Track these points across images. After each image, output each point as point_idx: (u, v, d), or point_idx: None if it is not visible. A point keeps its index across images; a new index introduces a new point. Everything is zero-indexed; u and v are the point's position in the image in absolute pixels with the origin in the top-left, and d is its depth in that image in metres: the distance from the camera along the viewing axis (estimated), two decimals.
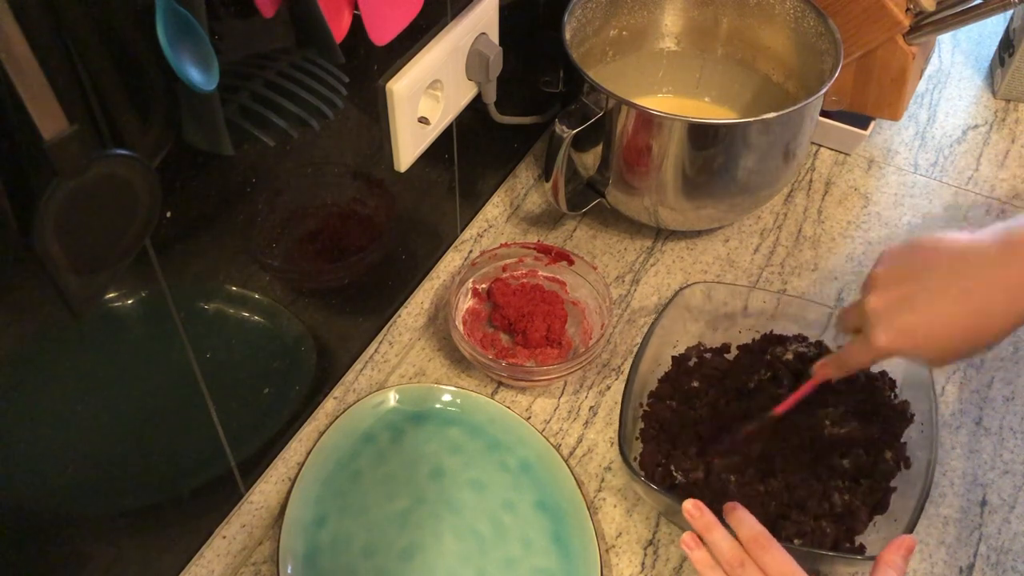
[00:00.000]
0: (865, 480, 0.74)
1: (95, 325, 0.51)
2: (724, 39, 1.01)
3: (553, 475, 0.76)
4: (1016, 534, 0.75)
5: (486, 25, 0.77)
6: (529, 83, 0.93)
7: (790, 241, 0.98)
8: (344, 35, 0.55)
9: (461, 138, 0.83)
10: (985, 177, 1.06)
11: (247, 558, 0.73)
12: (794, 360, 0.81)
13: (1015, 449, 0.81)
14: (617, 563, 0.73)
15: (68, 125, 0.38)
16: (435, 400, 0.81)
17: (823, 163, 1.07)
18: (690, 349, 0.84)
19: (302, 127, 0.54)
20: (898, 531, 0.69)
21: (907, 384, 0.79)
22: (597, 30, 0.96)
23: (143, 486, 0.61)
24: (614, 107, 0.84)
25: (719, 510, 0.72)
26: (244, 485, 0.71)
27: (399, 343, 0.85)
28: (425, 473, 0.76)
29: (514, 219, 0.99)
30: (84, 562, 0.57)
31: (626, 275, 0.95)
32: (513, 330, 0.86)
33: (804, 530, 0.70)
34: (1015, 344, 0.89)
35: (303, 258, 0.69)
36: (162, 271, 0.53)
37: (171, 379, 0.59)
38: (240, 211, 0.59)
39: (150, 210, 0.45)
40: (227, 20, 0.50)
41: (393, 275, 0.83)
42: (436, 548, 0.72)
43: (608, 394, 0.84)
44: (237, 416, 0.66)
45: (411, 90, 0.69)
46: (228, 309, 0.63)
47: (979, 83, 1.19)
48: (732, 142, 0.84)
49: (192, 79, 0.43)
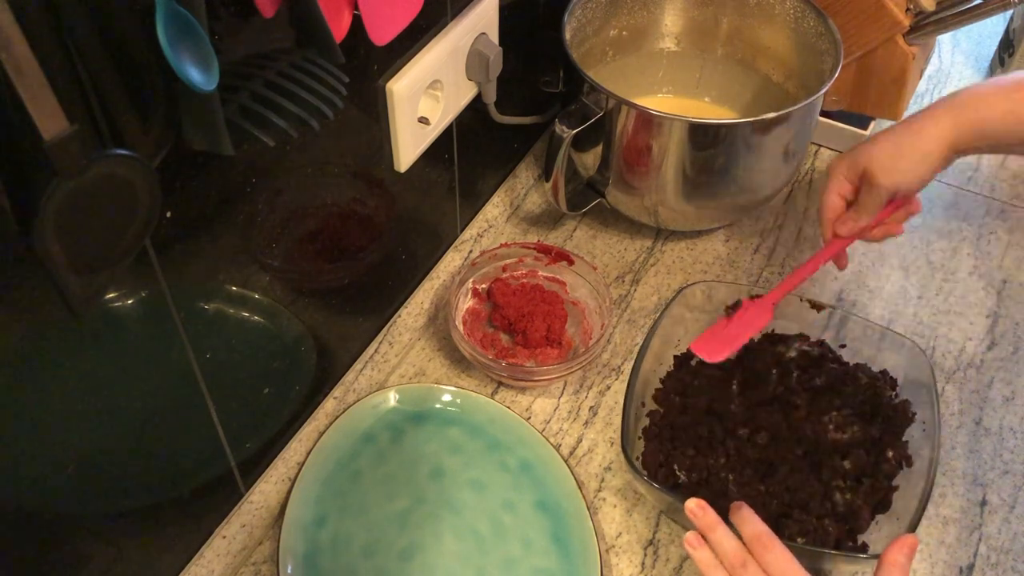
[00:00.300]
0: (867, 479, 0.74)
1: (95, 325, 0.51)
2: (724, 39, 1.01)
3: (553, 475, 0.76)
4: (1016, 534, 0.75)
5: (486, 25, 0.77)
6: (529, 83, 0.93)
7: (790, 241, 0.98)
8: (344, 35, 0.55)
9: (461, 138, 0.83)
10: (985, 177, 1.06)
11: (247, 558, 0.73)
12: (798, 358, 0.82)
13: (1015, 449, 0.81)
14: (617, 563, 0.73)
15: (68, 125, 0.38)
16: (435, 400, 0.81)
17: (823, 163, 1.07)
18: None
19: (302, 127, 0.54)
20: (900, 530, 0.69)
21: (908, 384, 0.80)
22: (597, 30, 0.96)
23: (143, 486, 0.61)
24: (614, 107, 0.84)
25: (720, 509, 0.72)
26: (244, 485, 0.71)
27: (399, 343, 0.85)
28: (425, 473, 0.76)
29: (514, 219, 0.99)
30: (84, 562, 0.57)
31: (626, 275, 0.95)
32: (513, 330, 0.86)
33: (807, 529, 0.70)
34: (1015, 344, 0.89)
35: (303, 258, 0.69)
36: (162, 271, 0.53)
37: (171, 379, 0.59)
38: (240, 211, 0.59)
39: (150, 210, 0.45)
40: (227, 20, 0.50)
41: (393, 275, 0.83)
42: (436, 548, 0.72)
43: (608, 394, 0.84)
44: (237, 416, 0.66)
45: (411, 90, 0.69)
46: (228, 309, 0.63)
47: None
48: (732, 142, 0.84)
49: (192, 79, 0.43)
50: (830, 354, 0.83)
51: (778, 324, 0.85)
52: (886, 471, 0.74)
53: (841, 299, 0.93)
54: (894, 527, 0.71)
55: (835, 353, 0.83)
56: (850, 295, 0.93)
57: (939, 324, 0.91)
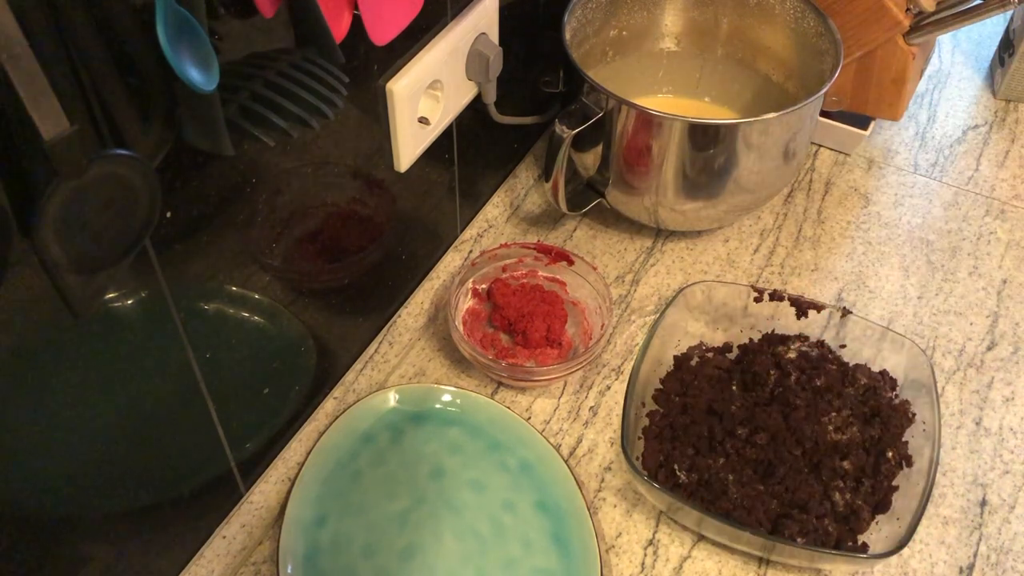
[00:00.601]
0: (867, 479, 0.74)
1: (95, 325, 0.51)
2: (724, 39, 1.01)
3: (553, 475, 0.76)
4: (1016, 534, 0.75)
5: (486, 25, 0.77)
6: (529, 83, 0.93)
7: (790, 241, 0.98)
8: (344, 35, 0.55)
9: (461, 138, 0.83)
10: (985, 177, 1.06)
11: (247, 558, 0.73)
12: (797, 358, 0.82)
13: (1015, 449, 0.81)
14: (617, 563, 0.73)
15: (68, 125, 0.38)
16: (435, 400, 0.81)
17: (823, 163, 1.07)
18: (692, 348, 0.84)
19: (302, 127, 0.54)
20: (900, 530, 0.69)
21: (908, 384, 0.80)
22: (597, 30, 0.96)
23: (143, 486, 0.61)
24: (614, 107, 0.84)
25: (720, 509, 0.73)
26: (244, 485, 0.71)
27: (399, 343, 0.85)
28: (425, 473, 0.76)
29: (514, 219, 0.99)
30: (84, 562, 0.57)
31: (626, 275, 0.95)
32: (513, 330, 0.86)
33: (807, 529, 0.70)
34: (1015, 344, 0.89)
35: (303, 258, 0.69)
36: (162, 271, 0.53)
37: (171, 379, 0.59)
38: (240, 211, 0.59)
39: (150, 210, 0.45)
40: (227, 20, 0.50)
41: (393, 275, 0.83)
42: (436, 548, 0.72)
43: (608, 394, 0.84)
44: (237, 416, 0.66)
45: (411, 90, 0.69)
46: (228, 309, 0.63)
47: (979, 83, 1.19)
48: (732, 142, 0.84)
49: (192, 79, 0.43)
50: (830, 354, 0.83)
51: (777, 324, 0.85)
52: (886, 471, 0.74)
53: (841, 299, 0.93)
54: (894, 527, 0.71)
55: (835, 353, 0.83)
56: (850, 295, 0.93)
57: (939, 324, 0.91)
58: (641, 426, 0.79)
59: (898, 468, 0.75)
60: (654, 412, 0.80)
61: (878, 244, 0.98)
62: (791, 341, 0.83)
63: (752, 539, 0.70)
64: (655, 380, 0.82)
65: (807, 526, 0.70)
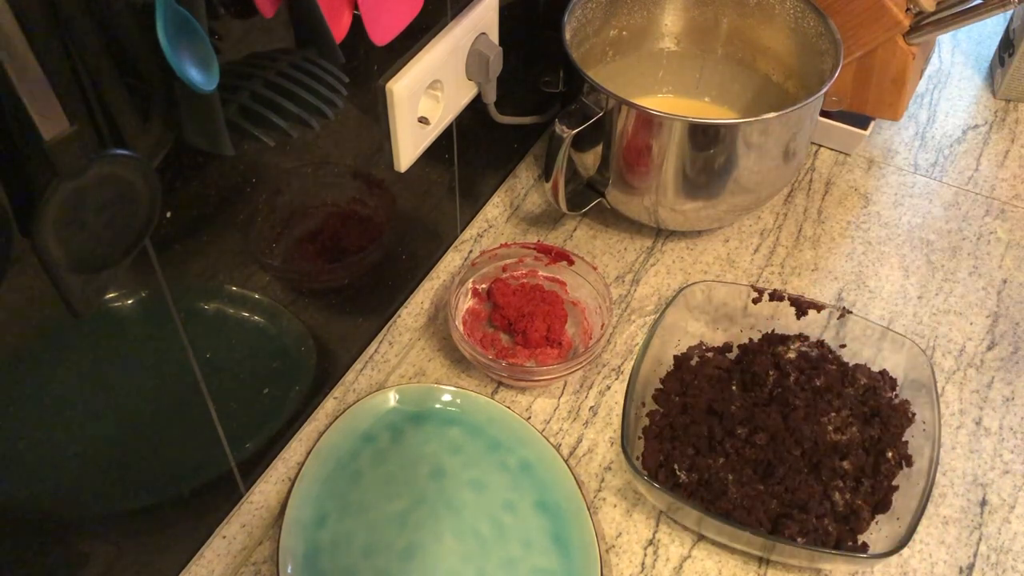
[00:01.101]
0: (867, 479, 0.74)
1: (95, 325, 0.51)
2: (724, 39, 1.01)
3: (553, 475, 0.76)
4: (1016, 534, 0.75)
5: (486, 25, 0.77)
6: (529, 83, 0.93)
7: (790, 241, 0.98)
8: (344, 35, 0.55)
9: (461, 138, 0.83)
10: (985, 177, 1.06)
11: (247, 558, 0.73)
12: (797, 358, 0.82)
13: (1015, 449, 0.81)
14: (617, 563, 0.73)
15: (68, 125, 0.38)
16: (435, 400, 0.81)
17: (823, 163, 1.07)
18: (692, 348, 0.84)
19: (302, 127, 0.54)
20: (900, 530, 0.69)
21: (908, 384, 0.80)
22: (597, 30, 0.96)
23: (143, 486, 0.61)
24: (614, 107, 0.84)
25: (720, 509, 0.73)
26: (244, 485, 0.71)
27: (399, 343, 0.85)
28: (425, 473, 0.76)
29: (514, 219, 0.99)
30: (84, 562, 0.57)
31: (626, 275, 0.95)
32: (513, 330, 0.86)
33: (807, 529, 0.70)
34: (1015, 344, 0.89)
35: (303, 258, 0.69)
36: (162, 271, 0.53)
37: (171, 379, 0.59)
38: (240, 211, 0.59)
39: (150, 210, 0.45)
40: (227, 20, 0.50)
41: (393, 275, 0.83)
42: (436, 548, 0.72)
43: (608, 394, 0.84)
44: (237, 416, 0.66)
45: (411, 90, 0.69)
46: (228, 309, 0.63)
47: (979, 83, 1.19)
48: (732, 142, 0.84)
49: (192, 79, 0.43)
50: (830, 354, 0.83)
51: (777, 324, 0.85)
52: (886, 471, 0.74)
53: (841, 299, 0.93)
54: (894, 527, 0.71)
55: (835, 353, 0.83)
56: (850, 295, 0.93)
57: (939, 324, 0.91)
58: (641, 426, 0.79)
59: (898, 468, 0.75)
60: (654, 412, 0.80)
61: (878, 244, 0.98)
62: (791, 341, 0.83)
63: (752, 539, 0.70)
64: (655, 380, 0.82)
65: (807, 526, 0.70)
